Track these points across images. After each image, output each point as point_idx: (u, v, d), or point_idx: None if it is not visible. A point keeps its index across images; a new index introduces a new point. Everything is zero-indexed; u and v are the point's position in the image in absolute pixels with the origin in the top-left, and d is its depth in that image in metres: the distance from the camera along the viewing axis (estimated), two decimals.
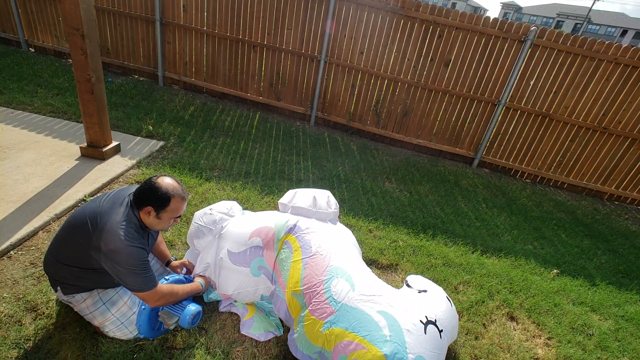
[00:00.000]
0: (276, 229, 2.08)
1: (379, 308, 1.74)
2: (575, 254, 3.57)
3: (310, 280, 1.85)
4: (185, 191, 1.76)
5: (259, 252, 2.04)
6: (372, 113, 5.22)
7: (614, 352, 2.43)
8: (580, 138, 4.81)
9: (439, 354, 1.74)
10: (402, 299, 1.86)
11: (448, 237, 3.31)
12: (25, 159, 3.08)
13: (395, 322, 1.70)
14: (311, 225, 2.09)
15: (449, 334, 1.89)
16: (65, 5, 2.74)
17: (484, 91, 4.79)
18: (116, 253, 1.56)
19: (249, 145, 4.32)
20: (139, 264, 1.60)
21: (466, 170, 5.06)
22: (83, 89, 3.03)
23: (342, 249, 2.03)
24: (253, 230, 2.06)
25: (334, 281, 1.82)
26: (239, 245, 2.03)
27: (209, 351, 1.87)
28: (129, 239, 1.58)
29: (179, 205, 1.71)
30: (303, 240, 2.01)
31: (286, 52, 5.05)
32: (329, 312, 1.74)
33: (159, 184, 1.67)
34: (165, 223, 1.74)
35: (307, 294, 1.83)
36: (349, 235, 2.30)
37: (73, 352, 1.74)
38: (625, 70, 4.34)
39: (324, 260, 1.91)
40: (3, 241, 2.23)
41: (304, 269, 1.90)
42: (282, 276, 1.98)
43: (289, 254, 1.99)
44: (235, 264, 2.01)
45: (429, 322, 1.77)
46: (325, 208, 2.25)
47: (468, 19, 4.45)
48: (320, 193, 2.34)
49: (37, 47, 5.85)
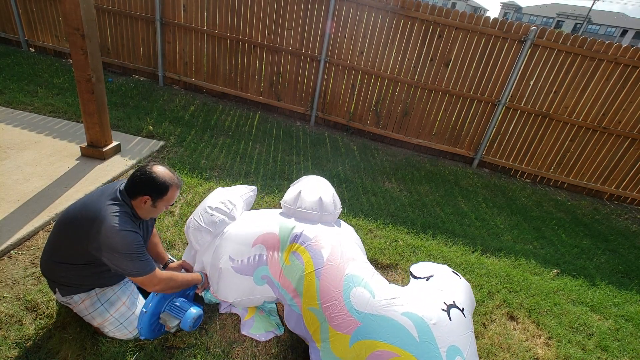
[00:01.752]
0: (281, 235, 1.98)
1: (402, 310, 1.69)
2: (575, 254, 3.57)
3: (327, 293, 1.76)
4: (180, 179, 1.78)
5: (262, 260, 1.96)
6: (372, 113, 5.23)
7: (614, 352, 2.43)
8: (580, 138, 4.81)
9: (469, 333, 1.73)
10: (417, 293, 1.84)
11: (448, 237, 3.31)
12: (26, 159, 3.09)
13: (420, 320, 1.66)
14: (319, 233, 1.99)
15: (470, 307, 1.90)
16: (66, 5, 2.74)
17: (484, 91, 4.79)
18: (111, 239, 1.55)
19: (249, 145, 4.32)
20: (135, 247, 1.59)
21: (466, 170, 5.06)
22: (83, 89, 3.03)
23: (353, 254, 1.95)
24: (256, 236, 1.98)
25: (352, 290, 1.74)
26: (242, 252, 1.95)
27: (209, 351, 1.87)
28: (122, 225, 1.57)
29: (175, 194, 1.74)
30: (313, 251, 1.89)
31: (286, 52, 5.05)
32: (353, 325, 1.67)
33: (155, 173, 1.66)
34: (159, 211, 1.76)
35: (326, 308, 1.74)
36: (353, 236, 2.24)
37: (73, 351, 1.74)
38: (625, 70, 4.35)
39: (338, 269, 1.82)
40: (3, 241, 2.23)
41: (319, 281, 1.80)
42: (294, 290, 1.87)
43: (300, 266, 1.87)
44: (238, 272, 1.93)
45: (450, 307, 1.75)
46: (331, 210, 2.16)
47: (468, 19, 4.45)
48: (325, 191, 2.20)
49: (38, 47, 5.85)
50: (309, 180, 2.30)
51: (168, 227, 2.67)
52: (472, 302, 2.01)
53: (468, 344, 1.70)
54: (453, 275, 2.05)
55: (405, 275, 2.70)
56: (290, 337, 2.04)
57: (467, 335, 1.72)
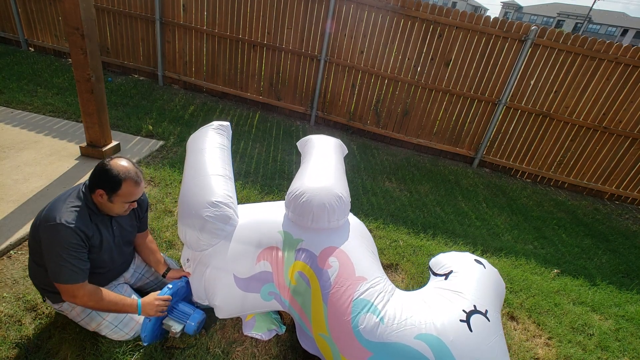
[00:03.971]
0: (285, 250, 1.80)
1: (416, 332, 1.56)
2: (575, 254, 3.56)
3: (335, 320, 1.64)
4: (139, 175, 1.64)
5: (269, 278, 1.80)
6: (372, 112, 5.22)
7: (614, 352, 2.43)
8: (580, 138, 4.81)
9: (495, 338, 1.60)
10: (433, 306, 1.68)
11: (448, 237, 3.30)
12: (25, 159, 3.08)
13: (436, 340, 1.53)
14: (326, 247, 1.78)
15: (496, 302, 1.77)
16: (65, 5, 2.73)
17: (484, 91, 4.79)
18: (46, 230, 1.45)
19: (249, 145, 4.31)
20: (66, 246, 1.45)
21: (466, 169, 5.06)
22: (83, 89, 3.03)
23: (363, 269, 1.75)
24: (259, 251, 1.79)
25: (361, 318, 1.60)
26: (246, 270, 1.78)
27: (209, 351, 1.87)
28: (66, 218, 1.47)
29: (131, 190, 1.59)
30: (319, 271, 1.73)
31: (286, 51, 5.05)
32: (365, 355, 1.57)
33: (111, 165, 1.56)
34: (120, 208, 1.62)
35: (336, 337, 1.63)
36: (365, 237, 2.00)
37: (73, 351, 1.74)
38: (625, 69, 4.34)
39: (345, 292, 1.66)
40: (3, 241, 2.23)
41: (326, 307, 1.67)
42: (303, 311, 1.76)
43: (307, 288, 1.73)
44: (243, 290, 1.79)
45: (470, 314, 1.60)
46: (342, 215, 1.87)
47: (468, 19, 4.44)
48: (335, 196, 1.83)
49: (37, 46, 5.84)
50: (314, 179, 2.04)
51: (168, 227, 2.67)
52: (500, 292, 1.87)
53: (495, 351, 1.58)
54: (475, 266, 1.88)
55: (406, 276, 2.70)
56: (290, 337, 2.04)
57: (493, 342, 1.58)
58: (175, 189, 3.14)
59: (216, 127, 2.16)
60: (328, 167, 2.03)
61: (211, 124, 2.18)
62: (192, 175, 1.87)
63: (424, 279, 2.68)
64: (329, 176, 1.94)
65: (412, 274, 2.72)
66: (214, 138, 2.09)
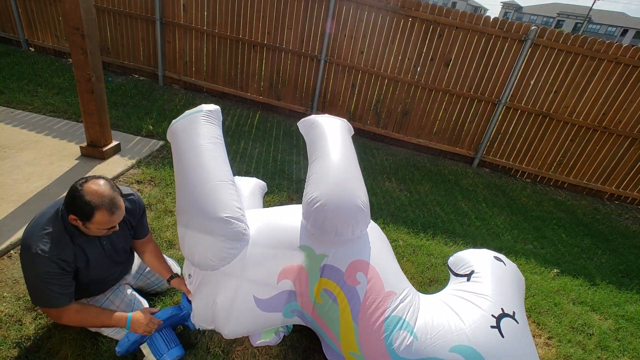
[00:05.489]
0: (308, 268, 1.67)
1: (450, 344, 1.52)
2: (575, 254, 3.57)
3: (367, 340, 1.57)
4: (115, 202, 1.46)
5: (292, 297, 1.69)
6: (372, 112, 5.22)
7: (614, 351, 2.43)
8: (580, 138, 4.81)
9: (525, 339, 1.58)
10: (461, 312, 1.64)
11: (448, 237, 3.31)
12: (26, 159, 3.08)
13: (470, 350, 1.50)
14: (352, 261, 1.68)
15: (520, 300, 1.73)
16: (66, 5, 2.74)
17: (484, 91, 4.79)
18: (23, 257, 1.43)
19: (249, 145, 4.32)
20: (45, 276, 1.40)
21: (466, 169, 5.06)
22: (83, 89, 3.03)
23: (392, 283, 1.69)
24: (279, 270, 1.66)
25: (394, 336, 1.55)
26: (267, 290, 1.65)
27: (209, 351, 1.87)
28: (42, 247, 1.40)
29: (105, 219, 1.44)
30: (347, 288, 1.63)
31: (286, 51, 5.05)
32: None
33: (84, 191, 1.41)
34: (98, 232, 1.50)
35: (368, 355, 1.57)
36: (381, 241, 1.89)
37: (73, 351, 1.74)
38: (625, 69, 4.34)
39: (377, 310, 1.59)
40: (3, 240, 2.23)
41: (357, 325, 1.60)
42: (330, 330, 1.67)
43: (334, 306, 1.63)
44: (264, 310, 1.67)
45: (500, 318, 1.57)
46: (365, 225, 1.75)
47: (468, 19, 4.45)
48: (354, 206, 1.66)
49: (37, 46, 5.84)
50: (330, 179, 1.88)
51: (168, 226, 2.67)
52: (521, 288, 1.82)
53: (528, 355, 1.55)
54: (495, 263, 1.83)
55: (406, 276, 2.69)
56: (290, 337, 2.04)
57: (524, 345, 1.55)
58: (175, 188, 3.14)
59: (205, 114, 1.90)
60: (345, 165, 1.83)
61: (199, 109, 1.91)
62: (194, 182, 1.64)
63: (424, 279, 2.69)
64: (349, 179, 1.75)
65: (412, 273, 2.72)
66: (208, 130, 1.85)
